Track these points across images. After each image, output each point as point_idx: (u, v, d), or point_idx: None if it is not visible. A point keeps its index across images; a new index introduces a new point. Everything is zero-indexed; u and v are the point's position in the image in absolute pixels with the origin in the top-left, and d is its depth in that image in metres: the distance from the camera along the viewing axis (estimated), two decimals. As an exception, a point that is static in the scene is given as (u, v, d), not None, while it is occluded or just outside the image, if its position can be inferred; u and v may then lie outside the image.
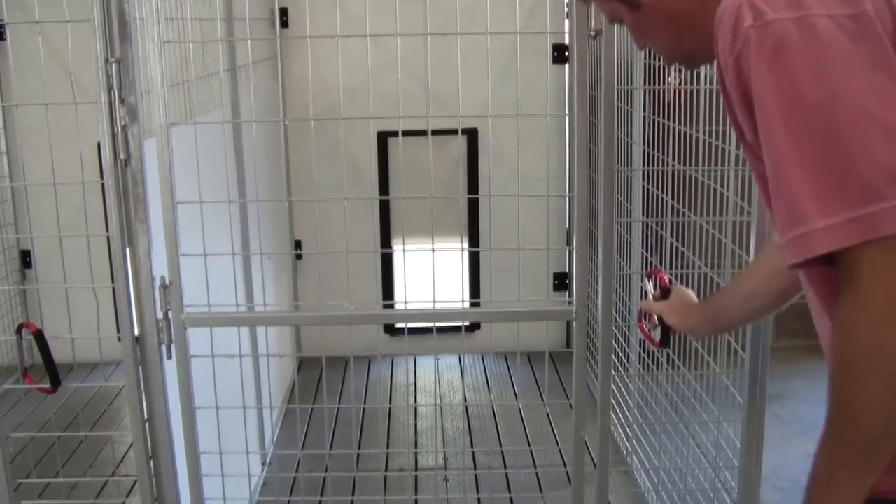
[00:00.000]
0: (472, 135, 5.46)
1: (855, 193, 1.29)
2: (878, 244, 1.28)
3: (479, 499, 4.00)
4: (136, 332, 2.62)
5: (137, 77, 2.46)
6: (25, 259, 5.57)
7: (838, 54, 1.33)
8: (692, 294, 2.58)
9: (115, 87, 2.44)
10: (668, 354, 2.96)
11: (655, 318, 2.65)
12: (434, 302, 2.69)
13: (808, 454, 1.43)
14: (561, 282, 5.78)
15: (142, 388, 2.66)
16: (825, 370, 1.38)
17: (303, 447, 2.93)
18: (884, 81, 1.31)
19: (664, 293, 2.59)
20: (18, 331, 2.69)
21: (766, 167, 1.40)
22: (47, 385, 2.65)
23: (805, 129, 1.33)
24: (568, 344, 5.64)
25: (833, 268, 1.35)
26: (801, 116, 1.33)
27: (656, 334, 2.63)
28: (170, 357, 2.65)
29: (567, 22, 5.00)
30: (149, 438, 2.71)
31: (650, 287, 2.70)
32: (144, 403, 2.69)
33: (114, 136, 2.47)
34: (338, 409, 4.81)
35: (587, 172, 2.55)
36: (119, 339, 2.62)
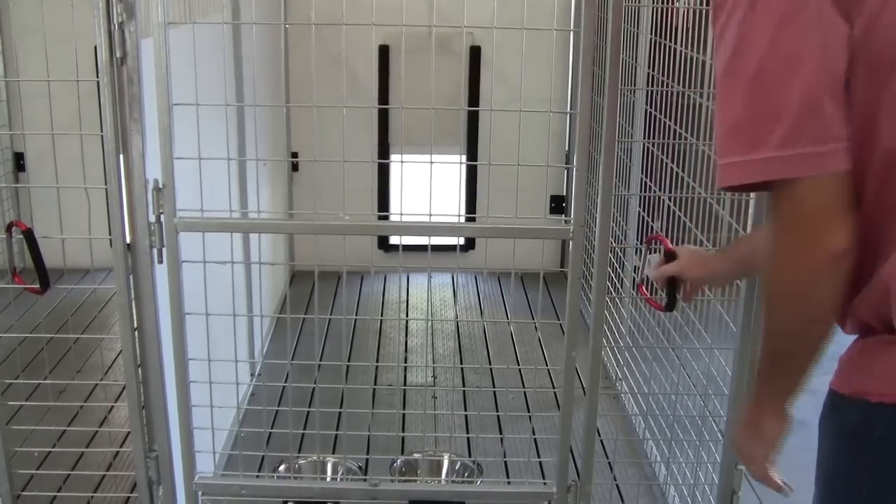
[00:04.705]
0: (474, 53, 5.39)
1: (743, 140, 1.51)
2: (781, 189, 1.49)
3: (466, 416, 4.01)
4: (128, 236, 2.59)
5: (135, -27, 2.41)
6: (19, 162, 5.53)
7: (766, 15, 1.47)
8: (699, 248, 2.56)
9: (111, -17, 2.38)
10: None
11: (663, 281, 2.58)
12: (430, 215, 2.66)
13: (799, 385, 1.62)
14: (558, 205, 5.77)
15: (132, 293, 2.64)
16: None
17: (292, 359, 2.92)
18: (791, 42, 1.45)
19: (669, 257, 2.53)
20: (8, 229, 2.65)
21: None
22: (36, 286, 2.63)
23: (724, 84, 1.55)
24: (562, 265, 5.64)
25: None
26: (727, 73, 1.53)
27: (661, 298, 2.59)
28: (161, 261, 2.62)
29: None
30: (137, 344, 2.69)
31: (652, 259, 2.65)
32: (134, 309, 2.67)
33: (110, 33, 2.42)
34: (329, 321, 4.80)
35: (590, 92, 2.50)
36: (111, 242, 2.59)
